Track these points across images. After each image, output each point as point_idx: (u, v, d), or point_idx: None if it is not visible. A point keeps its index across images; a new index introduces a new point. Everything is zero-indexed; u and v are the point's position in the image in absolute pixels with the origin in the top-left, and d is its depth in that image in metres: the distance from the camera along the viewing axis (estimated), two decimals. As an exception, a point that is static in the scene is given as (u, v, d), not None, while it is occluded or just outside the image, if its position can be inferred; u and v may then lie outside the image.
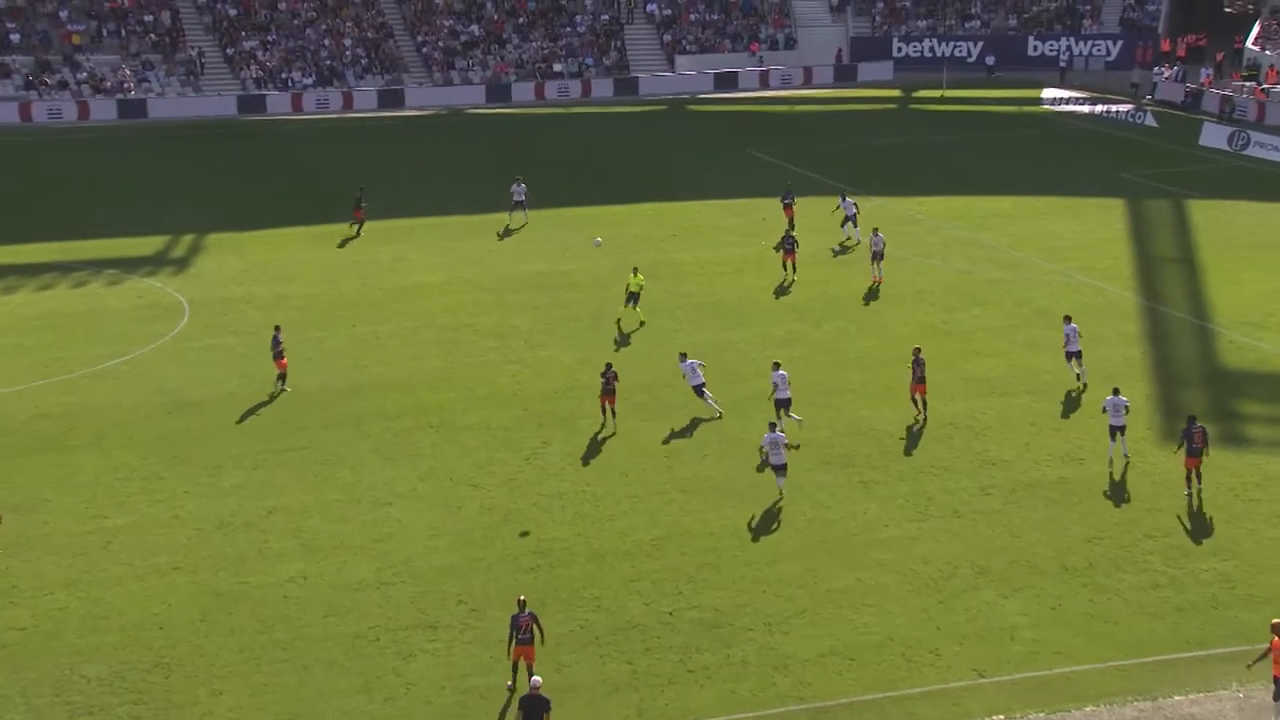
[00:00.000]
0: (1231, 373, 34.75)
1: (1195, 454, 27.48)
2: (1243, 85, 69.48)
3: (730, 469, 29.59)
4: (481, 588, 24.67)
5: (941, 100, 75.76)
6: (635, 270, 39.57)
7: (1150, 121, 66.92)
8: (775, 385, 31.39)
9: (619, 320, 38.89)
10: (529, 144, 64.35)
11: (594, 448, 30.64)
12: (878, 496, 28.31)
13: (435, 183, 56.55)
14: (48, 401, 33.32)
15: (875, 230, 43.07)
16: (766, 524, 27.15)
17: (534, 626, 21.91)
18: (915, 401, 32.06)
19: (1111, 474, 28.99)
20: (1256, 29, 74.12)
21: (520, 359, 36.30)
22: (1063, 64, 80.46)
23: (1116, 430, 29.34)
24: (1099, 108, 70.49)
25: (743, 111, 74.13)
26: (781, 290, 41.60)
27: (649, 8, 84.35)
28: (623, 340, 37.39)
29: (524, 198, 48.96)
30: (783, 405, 31.21)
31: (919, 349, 32.70)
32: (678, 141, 65.69)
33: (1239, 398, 33.15)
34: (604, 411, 31.65)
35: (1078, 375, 33.71)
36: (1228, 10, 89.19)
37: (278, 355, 34.12)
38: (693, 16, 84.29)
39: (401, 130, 67.89)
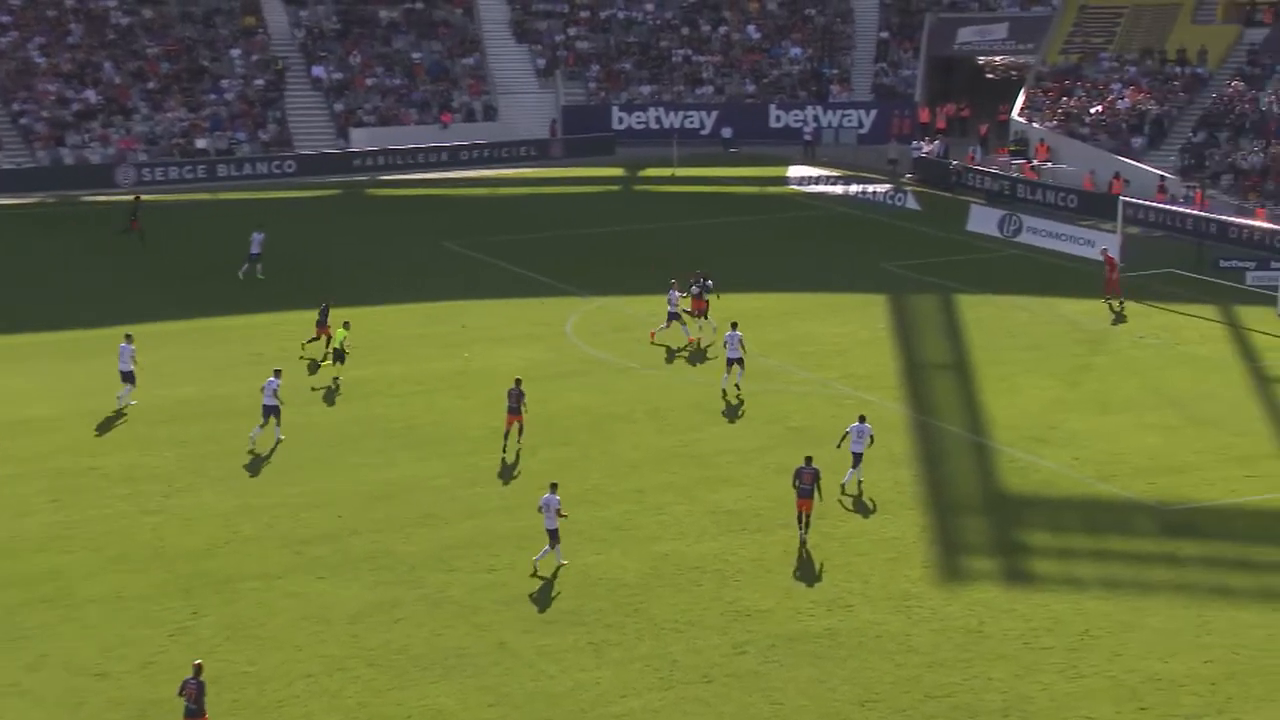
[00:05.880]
0: (1013, 498, 36.81)
1: (807, 495, 33.13)
2: (1010, 162, 74.64)
3: (431, 635, 29.42)
4: (114, 807, 23.69)
5: (672, 180, 78.37)
6: (346, 324, 44.84)
7: (912, 204, 70.88)
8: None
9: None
10: (169, 236, 63.19)
11: (259, 616, 29.99)
12: (612, 661, 28.60)
13: (45, 289, 54.83)
14: None
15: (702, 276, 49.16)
16: (477, 702, 27.04)
17: (202, 699, 24.58)
18: (508, 434, 39.01)
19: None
20: (1021, 99, 79.90)
21: (161, 509, 35.39)
22: (808, 137, 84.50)
23: (857, 456, 36.11)
24: (853, 188, 74.14)
25: (433, 195, 74.88)
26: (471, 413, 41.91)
27: (314, 71, 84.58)
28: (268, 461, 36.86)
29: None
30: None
31: (520, 380, 39.40)
32: (356, 232, 65.74)
33: (1023, 527, 35.10)
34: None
35: (736, 386, 42.39)
36: (989, 77, 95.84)
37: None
38: (369, 82, 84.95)
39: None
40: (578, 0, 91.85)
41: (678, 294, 47.90)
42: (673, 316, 47.64)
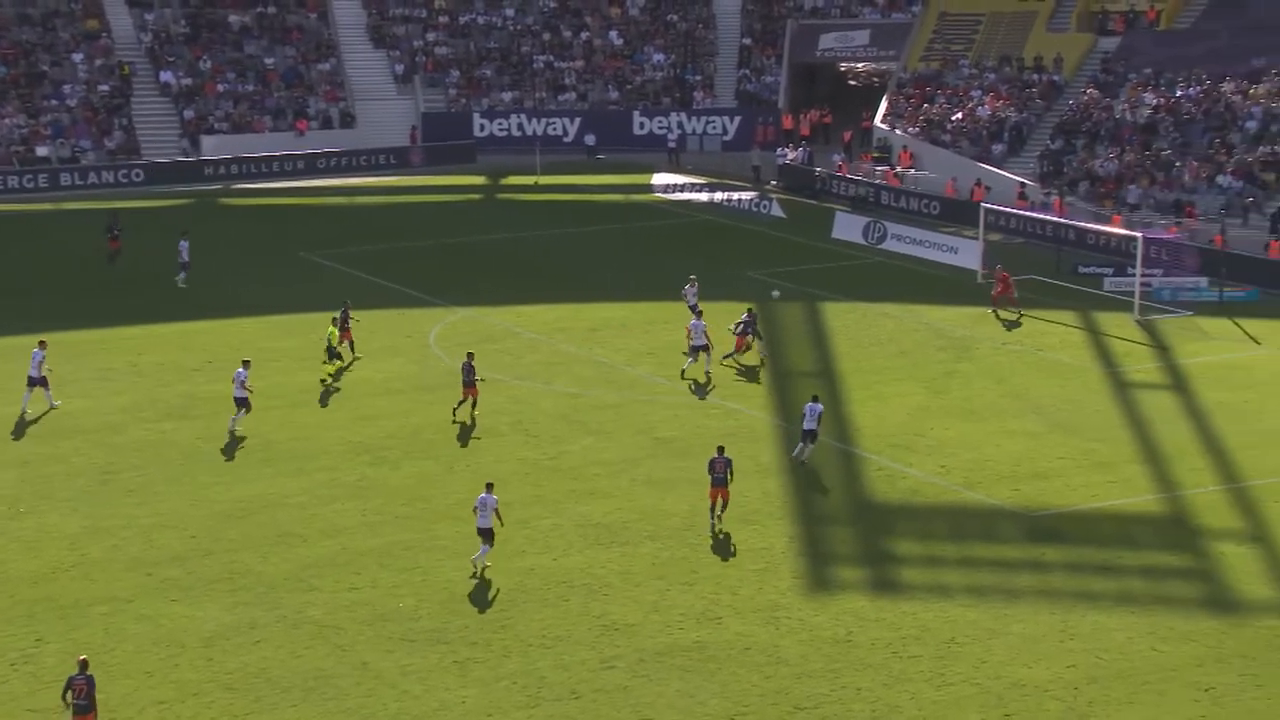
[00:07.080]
0: (881, 506, 37.28)
1: (720, 483, 34.68)
2: (874, 169, 75.70)
3: (290, 657, 29.07)
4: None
5: (535, 188, 78.39)
6: (335, 320, 46.45)
7: (777, 211, 71.60)
8: None
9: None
10: (10, 248, 61.87)
11: (108, 642, 29.41)
12: (478, 680, 28.48)
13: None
14: None
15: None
16: (340, 726, 26.81)
17: (93, 694, 24.86)
18: (462, 407, 41.55)
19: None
20: (884, 105, 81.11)
21: (2, 531, 34.59)
22: (672, 144, 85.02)
23: (809, 434, 38.77)
24: (718, 195, 74.73)
25: (289, 205, 74.08)
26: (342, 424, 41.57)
27: (162, 76, 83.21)
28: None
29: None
30: None
31: (472, 354, 42.20)
32: (209, 241, 64.78)
33: (890, 536, 35.53)
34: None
35: (706, 373, 45.71)
36: (851, 84, 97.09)
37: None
38: (221, 87, 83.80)
39: None
40: (436, 5, 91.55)
41: (693, 290, 50.44)
42: (695, 311, 48.96)
